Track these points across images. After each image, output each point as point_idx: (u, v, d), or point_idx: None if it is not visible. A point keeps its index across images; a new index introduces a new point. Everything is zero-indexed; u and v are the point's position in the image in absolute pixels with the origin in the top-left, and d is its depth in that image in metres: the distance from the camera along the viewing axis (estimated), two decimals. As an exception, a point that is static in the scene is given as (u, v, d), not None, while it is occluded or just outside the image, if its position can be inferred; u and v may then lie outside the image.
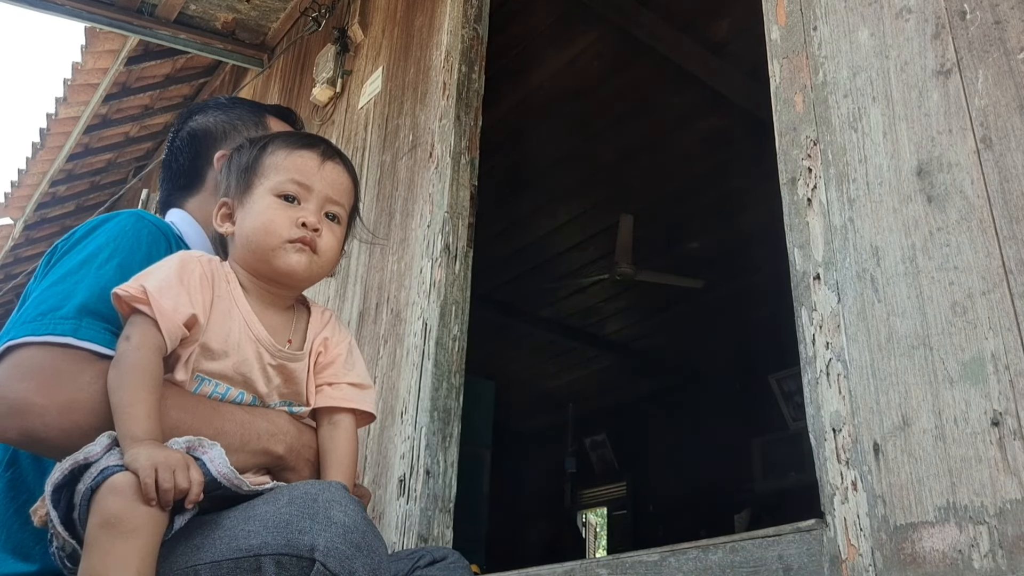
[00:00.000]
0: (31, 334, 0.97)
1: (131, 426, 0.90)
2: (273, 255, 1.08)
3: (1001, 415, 1.00)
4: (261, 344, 1.07)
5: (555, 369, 7.50)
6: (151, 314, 0.97)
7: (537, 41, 3.94)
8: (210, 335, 1.03)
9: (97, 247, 1.08)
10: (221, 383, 1.05)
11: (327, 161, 1.15)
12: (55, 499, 0.89)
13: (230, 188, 1.15)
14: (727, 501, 5.93)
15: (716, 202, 4.99)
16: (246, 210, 1.11)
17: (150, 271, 1.03)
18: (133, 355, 0.95)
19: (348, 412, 1.14)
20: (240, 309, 1.07)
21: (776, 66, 1.43)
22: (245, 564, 0.84)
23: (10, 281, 5.78)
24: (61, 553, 0.92)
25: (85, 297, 1.02)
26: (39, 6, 3.39)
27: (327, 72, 3.05)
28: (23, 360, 0.96)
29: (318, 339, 1.15)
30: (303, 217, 1.09)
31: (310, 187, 1.11)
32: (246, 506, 0.91)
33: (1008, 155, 1.07)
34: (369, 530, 0.86)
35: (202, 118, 1.40)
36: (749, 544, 1.20)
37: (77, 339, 0.98)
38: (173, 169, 1.39)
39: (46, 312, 0.99)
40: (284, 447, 1.07)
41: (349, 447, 1.12)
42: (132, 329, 0.97)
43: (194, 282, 1.03)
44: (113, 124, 4.65)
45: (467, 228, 2.21)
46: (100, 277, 1.04)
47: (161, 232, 1.17)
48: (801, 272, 1.29)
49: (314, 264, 1.10)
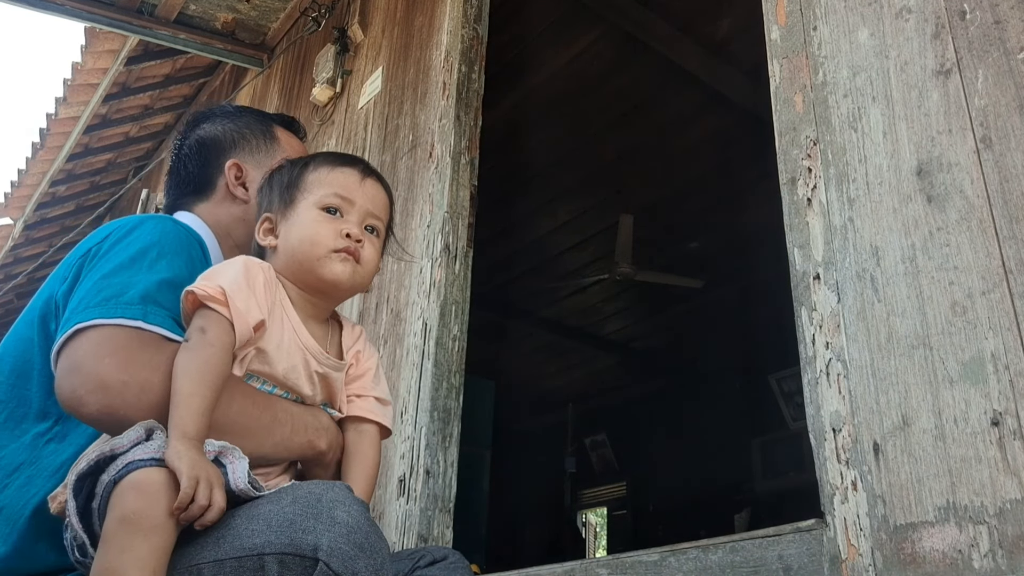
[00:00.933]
0: (101, 317, 0.99)
1: (185, 418, 0.92)
2: (319, 264, 1.12)
3: (1001, 415, 1.00)
4: (309, 352, 1.11)
5: (555, 369, 7.51)
6: (227, 315, 1.00)
7: (537, 41, 3.94)
8: (266, 340, 1.07)
9: (143, 246, 1.10)
10: (268, 383, 1.09)
11: (367, 177, 1.20)
12: (77, 488, 0.90)
13: (272, 203, 1.19)
14: (727, 501, 5.92)
15: (716, 202, 4.99)
16: (290, 223, 1.15)
17: (217, 272, 1.06)
18: (207, 350, 0.98)
19: (374, 424, 1.18)
20: (290, 318, 1.11)
21: (776, 66, 1.43)
22: (248, 563, 0.84)
23: (10, 281, 5.78)
24: (73, 543, 0.92)
25: (144, 287, 1.04)
26: (39, 6, 3.39)
27: (327, 72, 3.05)
28: (103, 339, 0.98)
29: (351, 352, 1.20)
30: (347, 228, 1.13)
31: (352, 201, 1.16)
32: (250, 505, 0.91)
33: (1008, 155, 1.07)
34: (372, 530, 0.86)
35: (210, 126, 1.41)
36: (749, 544, 1.20)
37: (147, 323, 1.01)
38: (181, 176, 1.40)
39: (109, 298, 1.01)
40: (327, 443, 1.12)
41: (374, 456, 1.16)
42: (207, 323, 1.00)
43: (259, 287, 1.07)
44: (113, 124, 4.66)
45: (467, 228, 2.22)
46: (153, 272, 1.07)
47: (193, 237, 1.20)
48: (801, 272, 1.29)
49: (357, 274, 1.14)
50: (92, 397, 0.95)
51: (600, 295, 6.12)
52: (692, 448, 6.63)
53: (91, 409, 0.95)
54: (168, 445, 0.89)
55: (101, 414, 0.95)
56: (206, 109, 1.49)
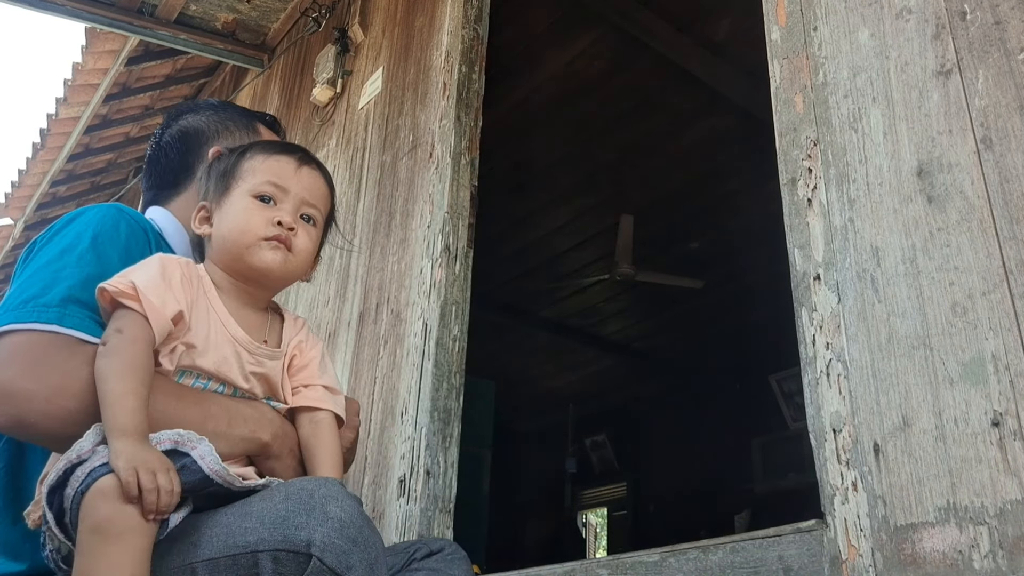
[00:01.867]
0: (15, 321, 0.97)
1: (121, 417, 0.90)
2: (249, 252, 1.11)
3: (1001, 415, 1.00)
4: (239, 343, 1.09)
5: (555, 369, 7.50)
6: (140, 310, 0.98)
7: (537, 41, 3.94)
8: (192, 334, 1.05)
9: (76, 236, 1.08)
10: (201, 377, 1.07)
11: (304, 166, 1.18)
12: (50, 500, 0.89)
13: (209, 192, 1.18)
14: (727, 501, 5.93)
15: (716, 202, 4.99)
16: (223, 211, 1.14)
17: (132, 269, 1.04)
18: (129, 348, 0.96)
19: (326, 411, 1.16)
20: (216, 310, 1.09)
21: (776, 66, 1.43)
22: (242, 560, 0.84)
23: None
24: (56, 555, 0.91)
25: (68, 286, 1.02)
26: (39, 6, 3.39)
27: (327, 72, 3.05)
28: (9, 346, 0.95)
29: (293, 342, 1.18)
30: (278, 216, 1.12)
31: (286, 189, 1.15)
32: (242, 503, 0.91)
33: (1008, 155, 1.07)
34: (366, 525, 0.86)
35: (193, 117, 1.40)
36: (749, 544, 1.20)
37: (63, 327, 0.98)
38: (162, 165, 1.38)
39: (28, 300, 0.99)
40: (270, 434, 1.08)
41: (334, 444, 1.14)
42: (123, 322, 0.98)
43: (175, 281, 1.05)
44: (113, 124, 4.65)
45: (467, 228, 2.21)
46: (81, 266, 1.04)
47: (140, 226, 1.18)
48: (801, 272, 1.29)
49: (289, 262, 1.13)
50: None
51: (600, 295, 6.12)
52: (692, 448, 6.64)
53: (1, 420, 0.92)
54: (109, 447, 0.87)
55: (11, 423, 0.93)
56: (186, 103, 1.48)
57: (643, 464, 7.35)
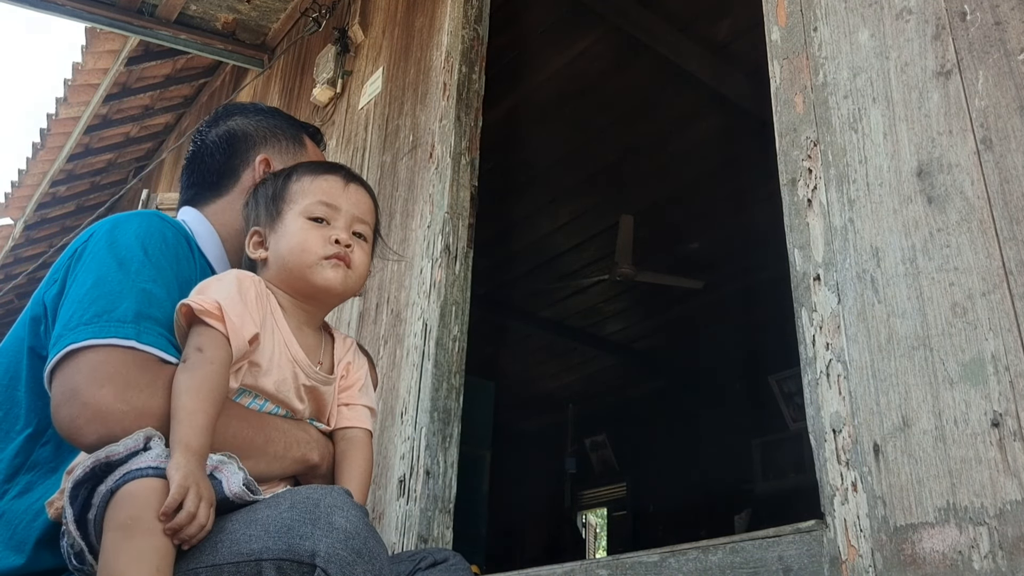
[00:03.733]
0: (94, 336, 0.98)
1: (189, 434, 0.92)
2: (311, 272, 1.14)
3: (1001, 416, 1.00)
4: (298, 365, 1.12)
5: (555, 369, 7.50)
6: (223, 330, 1.01)
7: (537, 41, 3.94)
8: (259, 353, 1.08)
9: (128, 248, 1.08)
10: (260, 397, 1.09)
11: (350, 183, 1.22)
12: (73, 495, 0.90)
13: (259, 217, 1.20)
14: (727, 502, 5.92)
15: (716, 202, 4.99)
16: (279, 234, 1.17)
17: (210, 285, 1.06)
18: (207, 367, 0.98)
19: (363, 430, 1.20)
20: (281, 330, 1.12)
21: (776, 67, 1.43)
22: (246, 568, 0.84)
23: (10, 281, 5.78)
24: (70, 551, 0.92)
25: (135, 300, 1.03)
26: (39, 6, 3.39)
27: (327, 72, 3.05)
28: (98, 363, 0.96)
29: (342, 364, 1.22)
30: (335, 235, 1.15)
31: (338, 208, 1.18)
32: (248, 510, 0.91)
33: (1008, 156, 1.07)
34: (371, 536, 0.86)
35: (242, 120, 1.38)
36: (749, 545, 1.20)
37: (141, 343, 0.99)
38: (205, 164, 1.35)
39: (100, 314, 1.00)
40: (318, 455, 1.13)
41: (367, 462, 1.18)
42: (204, 340, 1.00)
43: (252, 300, 1.08)
44: (113, 124, 4.66)
45: (467, 228, 2.21)
46: (140, 280, 1.05)
47: (182, 233, 1.19)
48: (801, 273, 1.29)
49: (349, 279, 1.16)
50: (91, 427, 0.94)
51: (600, 296, 6.12)
52: (692, 449, 6.63)
53: (91, 439, 0.94)
54: (171, 458, 0.89)
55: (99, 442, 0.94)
56: (236, 104, 1.47)
57: (643, 464, 7.34)
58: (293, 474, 1.11)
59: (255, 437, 1.04)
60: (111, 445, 0.91)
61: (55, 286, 1.09)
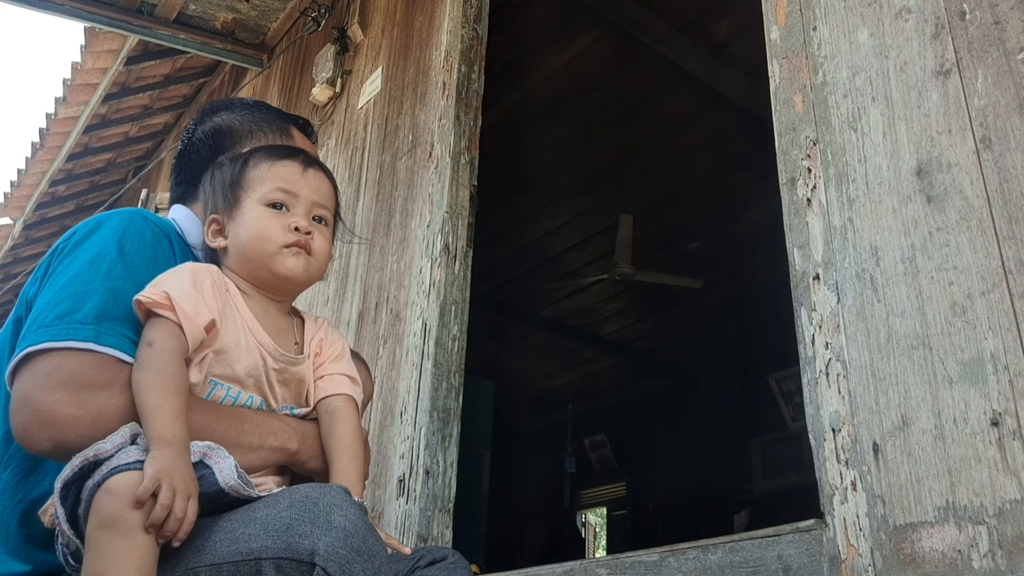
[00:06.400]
0: (51, 339, 0.96)
1: (160, 427, 0.91)
2: (271, 261, 1.12)
3: (1000, 415, 1.00)
4: (264, 349, 1.11)
5: (555, 369, 7.51)
6: (174, 319, 1.00)
7: (537, 41, 3.94)
8: (222, 341, 1.06)
9: (102, 246, 1.07)
10: (233, 387, 1.08)
11: (308, 168, 1.19)
12: (63, 495, 0.89)
13: (217, 205, 1.19)
14: (727, 501, 5.92)
15: (716, 202, 4.99)
16: (237, 223, 1.15)
17: (164, 278, 1.05)
18: (159, 359, 0.97)
19: (341, 395, 1.17)
20: (243, 316, 1.10)
21: (776, 66, 1.43)
22: (245, 568, 0.84)
23: (9, 281, 5.78)
24: (66, 551, 0.92)
25: (99, 301, 1.01)
26: (39, 6, 3.39)
27: (327, 72, 3.05)
28: (51, 369, 0.95)
29: (314, 341, 1.19)
30: (295, 222, 1.14)
31: (296, 194, 1.16)
32: (247, 509, 0.91)
33: (1007, 155, 1.07)
34: (370, 534, 0.86)
35: (228, 115, 1.38)
36: (749, 544, 1.20)
37: (100, 345, 0.98)
38: (194, 162, 1.35)
39: (62, 315, 0.98)
40: (297, 442, 1.11)
41: (354, 430, 1.15)
42: (153, 333, 0.99)
43: (207, 289, 1.06)
44: (113, 124, 4.66)
45: (467, 228, 2.21)
46: (110, 279, 1.04)
47: (163, 232, 1.17)
48: (801, 272, 1.29)
49: (311, 266, 1.15)
50: (43, 434, 0.92)
51: (600, 295, 6.12)
52: (692, 448, 6.63)
53: (43, 446, 0.93)
54: (148, 452, 0.89)
55: (56, 448, 0.93)
56: (222, 100, 1.45)
57: (642, 464, 7.34)
58: (275, 464, 1.09)
59: (227, 430, 1.02)
60: (98, 443, 0.90)
61: (35, 285, 1.09)
